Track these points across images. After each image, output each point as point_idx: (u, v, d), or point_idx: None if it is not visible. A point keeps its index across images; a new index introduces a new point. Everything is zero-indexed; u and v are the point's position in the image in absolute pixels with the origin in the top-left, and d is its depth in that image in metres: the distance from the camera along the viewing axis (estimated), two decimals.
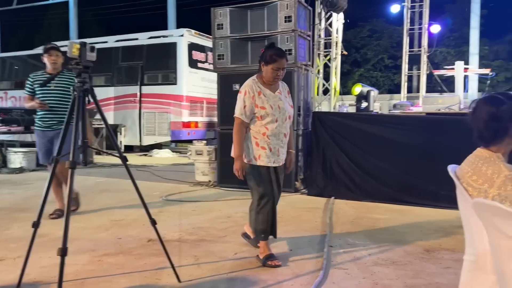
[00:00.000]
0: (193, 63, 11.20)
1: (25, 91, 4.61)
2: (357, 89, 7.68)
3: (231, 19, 6.24)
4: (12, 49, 14.90)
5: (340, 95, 9.51)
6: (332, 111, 8.59)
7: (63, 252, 2.25)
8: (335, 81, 9.11)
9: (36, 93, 4.52)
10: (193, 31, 11.32)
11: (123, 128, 11.56)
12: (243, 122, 3.13)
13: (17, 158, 8.22)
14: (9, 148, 8.43)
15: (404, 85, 11.94)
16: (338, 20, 8.89)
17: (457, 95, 7.19)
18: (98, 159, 9.68)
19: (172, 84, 11.14)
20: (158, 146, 12.07)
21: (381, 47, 24.63)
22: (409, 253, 3.41)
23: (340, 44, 9.07)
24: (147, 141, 11.57)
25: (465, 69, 10.33)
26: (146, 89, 11.42)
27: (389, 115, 6.74)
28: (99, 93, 2.85)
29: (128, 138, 11.65)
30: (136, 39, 11.88)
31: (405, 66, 11.83)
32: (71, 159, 2.44)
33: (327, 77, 9.43)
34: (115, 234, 3.95)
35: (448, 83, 12.53)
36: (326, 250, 3.42)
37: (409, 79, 13.79)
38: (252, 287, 2.79)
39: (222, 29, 6.30)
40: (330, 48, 8.96)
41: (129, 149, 11.91)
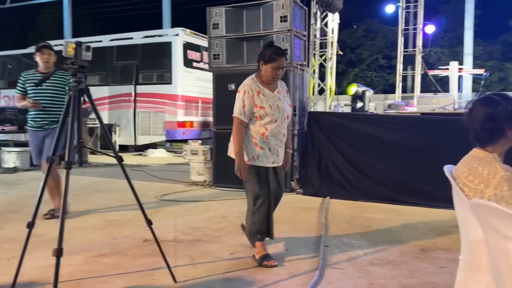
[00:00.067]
0: (188, 63, 11.17)
1: (16, 91, 4.55)
2: (353, 89, 7.68)
3: (227, 18, 6.23)
4: (5, 48, 14.76)
5: (335, 95, 9.53)
6: (327, 111, 8.61)
7: (59, 253, 2.24)
8: (331, 81, 9.13)
9: (28, 93, 4.46)
10: (188, 30, 11.29)
11: (117, 127, 11.50)
12: (243, 122, 3.07)
13: (10, 157, 8.17)
14: (2, 147, 8.38)
15: (398, 85, 11.98)
16: (333, 20, 8.90)
17: (452, 95, 7.22)
18: (92, 158, 9.63)
19: (167, 83, 11.10)
20: (153, 145, 12.02)
21: (376, 47, 24.68)
22: (404, 253, 3.42)
23: (335, 44, 9.09)
24: (142, 140, 11.53)
25: (460, 69, 10.38)
26: (141, 89, 11.37)
27: (384, 115, 6.75)
28: (94, 93, 2.83)
29: (122, 137, 11.60)
30: (131, 38, 11.82)
31: (399, 66, 11.88)
32: (66, 159, 2.42)
33: (322, 77, 9.45)
34: (110, 234, 3.93)
35: (442, 83, 12.59)
36: (322, 250, 3.42)
37: (404, 79, 13.83)
38: (248, 287, 2.79)
39: (217, 28, 6.29)
40: (325, 48, 8.98)
41: (124, 148, 11.86)
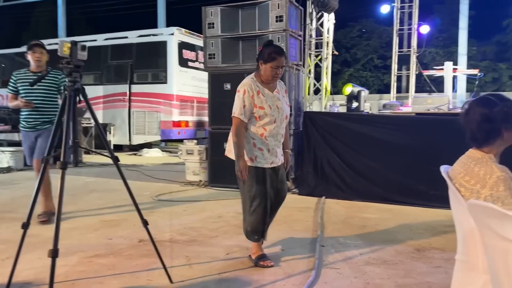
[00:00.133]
0: (183, 62, 11.14)
1: (8, 90, 4.45)
2: (348, 89, 7.71)
3: (222, 18, 6.22)
4: None
5: (330, 94, 9.55)
6: (323, 111, 8.62)
7: (54, 253, 2.22)
8: (326, 81, 9.13)
9: (19, 92, 4.39)
10: (184, 29, 11.26)
11: (112, 127, 11.46)
12: (243, 122, 3.02)
13: (4, 157, 8.12)
14: None
15: (393, 85, 12.00)
16: (329, 20, 8.91)
17: (446, 95, 7.26)
18: (87, 158, 9.59)
19: (162, 83, 11.07)
20: (147, 145, 11.99)
21: (371, 47, 24.77)
22: (400, 253, 3.44)
23: (331, 44, 9.10)
24: (137, 140, 11.49)
25: (454, 70, 10.43)
26: (135, 88, 11.33)
27: (380, 115, 6.77)
28: (88, 92, 2.80)
29: (117, 137, 11.55)
30: (125, 37, 11.77)
31: (394, 66, 11.90)
32: (62, 159, 2.41)
33: (318, 77, 9.46)
34: (105, 234, 3.91)
35: (436, 83, 12.65)
36: (317, 249, 3.43)
37: (398, 79, 13.89)
38: (244, 287, 2.80)
39: (213, 28, 6.27)
40: (321, 48, 8.99)
41: (119, 148, 11.82)
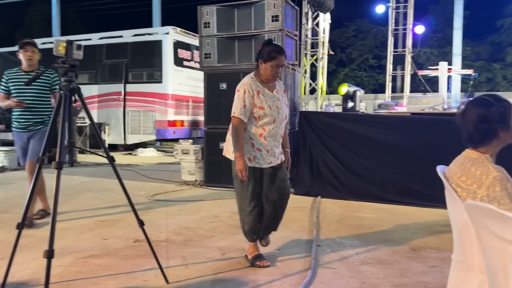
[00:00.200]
0: (178, 62, 11.11)
1: None
2: (344, 89, 7.72)
3: (218, 17, 6.20)
4: None
5: (326, 94, 9.55)
6: (319, 110, 8.63)
7: (50, 254, 2.21)
8: (322, 80, 9.13)
9: (11, 92, 4.33)
10: (179, 29, 11.22)
11: (107, 126, 11.41)
12: (242, 122, 2.99)
13: None
14: None
15: (388, 85, 12.03)
16: (324, 20, 8.91)
17: (441, 95, 7.28)
18: (81, 158, 9.55)
19: (157, 82, 11.03)
20: (143, 145, 11.95)
21: (366, 47, 24.84)
22: (395, 252, 3.45)
23: (326, 44, 9.11)
24: (132, 139, 11.44)
25: (449, 70, 10.47)
26: (130, 87, 11.28)
27: (375, 115, 6.79)
28: (83, 91, 2.78)
29: (112, 136, 11.50)
30: (120, 36, 11.71)
31: (389, 66, 11.93)
32: (57, 159, 2.39)
33: (313, 76, 9.46)
34: (101, 234, 3.90)
35: (431, 83, 12.70)
36: (314, 249, 3.43)
37: (393, 79, 13.93)
38: None
39: (208, 27, 6.26)
40: (316, 48, 8.99)
41: (113, 147, 11.77)
